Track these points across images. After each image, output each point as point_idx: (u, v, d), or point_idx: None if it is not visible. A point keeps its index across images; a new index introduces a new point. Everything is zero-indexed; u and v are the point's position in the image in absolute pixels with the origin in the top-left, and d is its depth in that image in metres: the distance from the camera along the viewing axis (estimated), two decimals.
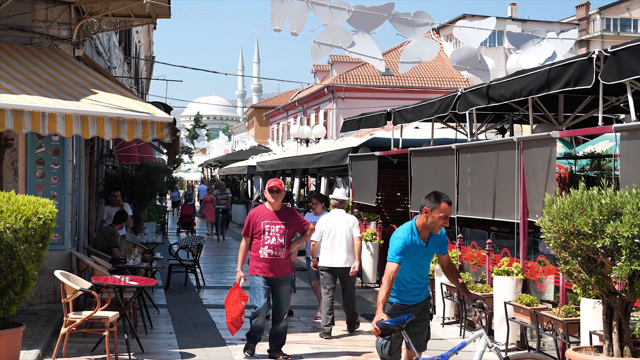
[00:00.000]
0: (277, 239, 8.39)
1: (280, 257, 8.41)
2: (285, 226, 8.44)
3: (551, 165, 8.50)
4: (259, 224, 8.42)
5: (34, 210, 7.48)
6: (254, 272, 8.44)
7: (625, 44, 7.28)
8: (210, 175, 47.76)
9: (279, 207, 8.52)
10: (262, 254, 8.37)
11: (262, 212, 8.51)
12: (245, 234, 8.56)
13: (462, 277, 7.17)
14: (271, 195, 8.48)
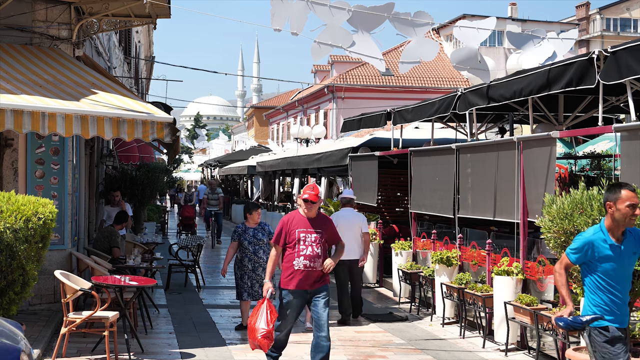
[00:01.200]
0: (313, 249, 7.63)
1: (317, 269, 7.63)
2: (322, 235, 7.73)
3: (551, 165, 8.50)
4: (293, 233, 7.67)
5: (34, 210, 7.49)
6: (286, 285, 7.64)
7: (625, 44, 7.28)
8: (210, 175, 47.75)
9: (315, 215, 7.78)
10: (297, 266, 7.59)
11: (296, 219, 7.76)
12: (276, 242, 7.81)
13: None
14: (305, 205, 7.71)
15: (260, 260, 10.16)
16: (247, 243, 10.16)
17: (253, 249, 10.16)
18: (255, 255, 10.16)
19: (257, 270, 10.14)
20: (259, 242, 10.21)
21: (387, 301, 13.02)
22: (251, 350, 7.89)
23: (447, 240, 11.40)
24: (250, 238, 10.19)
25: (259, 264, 10.14)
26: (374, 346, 9.38)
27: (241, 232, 10.26)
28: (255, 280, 10.15)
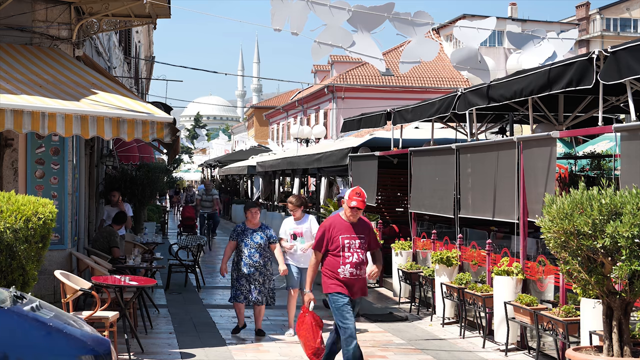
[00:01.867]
0: (358, 256, 7.31)
1: (362, 277, 7.35)
2: (365, 241, 7.40)
3: (551, 165, 8.50)
4: (337, 239, 7.30)
5: (34, 210, 7.48)
6: (333, 289, 7.28)
7: (625, 44, 7.28)
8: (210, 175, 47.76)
9: (357, 219, 7.45)
10: (342, 274, 7.25)
11: (338, 224, 7.38)
12: (317, 248, 7.41)
13: None
14: (350, 210, 7.37)
15: (256, 264, 9.81)
16: (244, 245, 9.83)
17: (248, 252, 9.80)
18: (251, 259, 9.80)
19: (254, 274, 9.81)
20: (256, 245, 9.82)
21: (387, 301, 13.02)
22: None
23: (447, 240, 11.40)
24: (247, 240, 9.85)
25: (255, 267, 9.80)
26: (374, 346, 9.38)
27: (240, 232, 9.94)
28: (253, 285, 9.82)
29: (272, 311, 11.54)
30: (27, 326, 4.88)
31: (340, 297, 7.23)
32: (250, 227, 9.96)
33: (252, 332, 10.02)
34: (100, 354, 4.97)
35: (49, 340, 4.86)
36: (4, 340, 4.72)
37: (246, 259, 9.79)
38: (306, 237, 10.10)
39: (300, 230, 10.19)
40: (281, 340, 9.59)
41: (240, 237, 9.89)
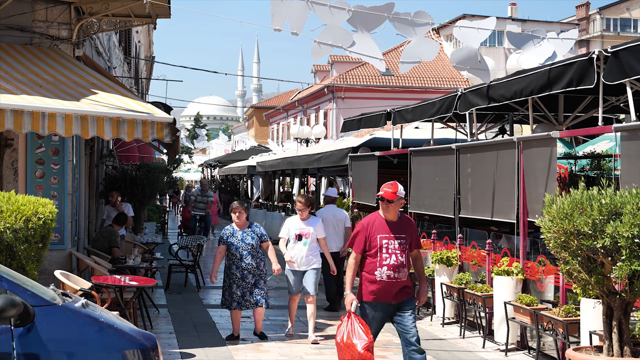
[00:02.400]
0: (397, 258, 6.81)
1: (401, 280, 6.85)
2: (405, 241, 6.89)
3: (552, 165, 8.49)
4: (375, 239, 6.83)
5: (34, 210, 7.48)
6: (367, 298, 6.87)
7: (625, 44, 7.28)
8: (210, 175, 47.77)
9: (396, 217, 6.92)
10: (379, 276, 6.79)
11: (376, 222, 6.89)
12: (356, 249, 6.92)
13: None
14: (382, 205, 6.90)
15: (249, 267, 9.45)
16: (235, 248, 9.46)
17: (240, 254, 9.45)
18: (243, 262, 9.42)
19: (246, 278, 9.45)
20: (248, 247, 9.46)
21: None
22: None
23: (447, 240, 11.40)
24: (237, 242, 9.48)
25: (248, 270, 9.45)
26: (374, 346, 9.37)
27: (229, 234, 9.57)
28: (246, 289, 9.46)
29: (272, 311, 11.54)
30: (81, 322, 5.03)
31: (369, 308, 6.82)
32: (239, 228, 9.61)
33: (252, 332, 10.01)
34: (148, 347, 5.15)
35: (101, 336, 5.04)
36: (61, 335, 4.86)
37: (238, 262, 9.45)
38: (311, 239, 9.87)
39: (307, 231, 9.88)
40: (281, 340, 9.60)
41: (230, 239, 9.53)
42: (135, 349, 5.08)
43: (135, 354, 5.05)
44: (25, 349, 4.70)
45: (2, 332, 4.64)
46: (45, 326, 4.80)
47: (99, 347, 4.97)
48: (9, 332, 4.64)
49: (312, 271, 9.84)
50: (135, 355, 5.05)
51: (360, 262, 6.93)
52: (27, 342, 4.72)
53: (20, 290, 4.90)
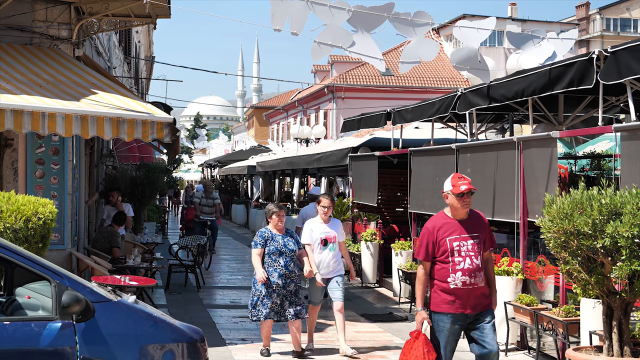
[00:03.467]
0: (472, 261, 6.04)
1: (479, 285, 6.10)
2: (479, 240, 6.15)
3: (552, 165, 8.49)
4: (444, 242, 6.09)
5: (34, 210, 7.48)
6: (439, 308, 6.08)
7: (625, 44, 7.28)
8: (210, 175, 47.78)
9: (466, 215, 6.21)
10: (452, 283, 6.03)
11: (444, 224, 6.17)
12: (425, 258, 6.15)
13: None
14: (460, 201, 6.17)
15: (292, 275, 8.65)
16: (278, 254, 8.61)
17: (284, 261, 8.61)
18: (287, 269, 8.60)
19: (288, 286, 8.63)
20: (291, 253, 8.67)
21: (387, 301, 13.02)
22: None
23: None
24: (280, 247, 8.64)
25: (291, 279, 8.64)
26: (374, 346, 9.38)
27: (268, 238, 8.68)
28: (286, 298, 8.63)
29: None
30: (137, 317, 5.24)
31: (443, 320, 6.05)
32: (279, 233, 8.78)
33: (252, 332, 10.01)
34: (197, 340, 5.38)
35: (156, 330, 5.27)
36: (119, 330, 5.06)
37: (282, 269, 8.58)
38: (336, 242, 9.15)
39: (333, 234, 9.10)
40: (281, 340, 9.59)
41: (270, 243, 8.66)
42: (186, 342, 5.31)
43: (186, 347, 5.28)
44: (88, 344, 4.86)
45: (65, 327, 4.83)
46: (105, 321, 4.98)
47: (155, 340, 5.17)
48: (71, 327, 4.84)
49: (339, 277, 9.12)
50: (186, 347, 5.28)
51: (429, 269, 6.16)
52: (89, 337, 4.88)
53: (80, 287, 5.04)
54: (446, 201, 6.26)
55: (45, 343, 4.78)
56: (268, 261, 8.59)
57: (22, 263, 5.03)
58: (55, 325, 4.83)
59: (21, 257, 5.05)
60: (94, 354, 4.88)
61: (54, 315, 4.86)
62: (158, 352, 5.16)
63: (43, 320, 4.85)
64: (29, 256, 5.11)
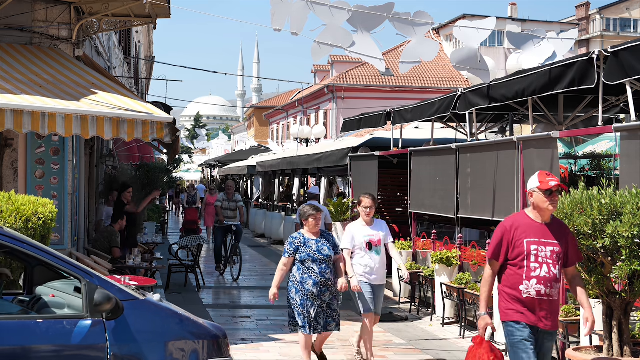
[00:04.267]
0: (549, 269, 5.35)
1: (554, 298, 5.40)
2: (560, 249, 5.44)
3: (554, 165, 8.49)
4: (520, 243, 5.42)
5: (34, 210, 7.48)
6: (510, 317, 5.40)
7: (625, 44, 7.29)
8: (210, 175, 47.77)
9: (550, 219, 5.53)
10: (525, 291, 5.35)
11: (523, 224, 5.48)
12: (494, 257, 5.51)
13: None
14: (547, 199, 5.45)
15: (328, 283, 7.87)
16: (310, 261, 7.84)
17: (318, 268, 7.82)
18: (323, 277, 7.82)
19: (323, 295, 7.85)
20: (326, 259, 7.88)
21: (387, 301, 13.00)
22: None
23: (447, 240, 11.40)
24: (312, 253, 7.86)
25: (327, 287, 7.87)
26: (374, 346, 9.36)
27: (300, 244, 7.93)
28: (321, 309, 7.86)
29: (272, 311, 11.55)
30: (164, 314, 5.40)
31: (517, 329, 5.37)
32: (314, 237, 8.00)
33: (252, 332, 10.02)
34: (220, 337, 5.61)
35: (182, 327, 5.47)
36: (147, 327, 5.20)
37: (317, 276, 7.81)
38: (382, 245, 8.50)
39: (378, 237, 8.45)
40: (281, 340, 9.59)
41: (303, 250, 7.90)
42: (211, 339, 5.52)
43: (210, 344, 5.48)
44: (118, 341, 4.99)
45: (96, 325, 4.96)
46: (133, 319, 5.11)
47: (181, 338, 5.35)
48: (101, 325, 4.96)
49: (382, 286, 8.64)
50: (210, 344, 5.48)
51: (499, 273, 5.54)
52: (119, 334, 5.01)
53: (109, 285, 5.13)
54: (530, 200, 5.54)
55: (77, 340, 4.90)
56: (302, 268, 7.84)
57: (54, 263, 5.13)
58: (86, 323, 4.95)
59: (53, 257, 5.16)
60: (123, 351, 5.00)
61: (85, 314, 4.97)
62: (184, 349, 5.32)
63: (74, 318, 4.98)
64: (60, 256, 5.22)
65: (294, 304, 7.85)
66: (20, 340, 4.79)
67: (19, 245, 5.12)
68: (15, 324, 4.89)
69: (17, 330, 4.84)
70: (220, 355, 5.52)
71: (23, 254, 5.26)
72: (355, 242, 8.39)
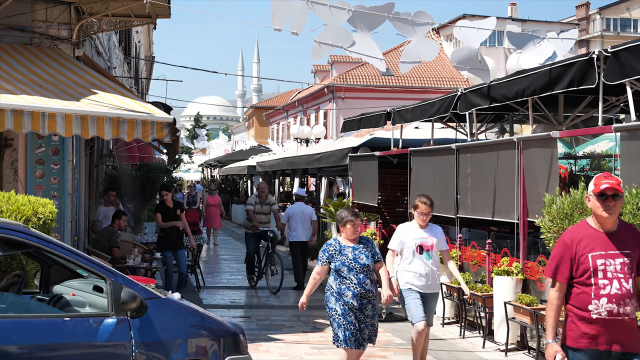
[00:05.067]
0: (621, 285, 4.66)
1: (630, 317, 4.68)
2: (631, 259, 4.71)
3: (553, 165, 8.49)
4: (585, 259, 4.72)
5: (34, 210, 7.49)
6: (578, 344, 4.78)
7: (625, 44, 7.29)
8: (210, 175, 47.76)
9: (615, 226, 4.76)
10: (595, 311, 4.70)
11: (585, 235, 4.76)
12: (560, 277, 4.83)
13: None
14: (601, 204, 4.70)
15: (369, 294, 7.06)
16: (347, 270, 7.02)
17: (358, 278, 7.02)
18: (363, 288, 7.02)
19: (365, 308, 7.06)
20: (364, 268, 7.08)
21: None
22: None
23: (447, 241, 11.39)
24: (348, 262, 7.04)
25: (368, 299, 7.06)
26: (374, 346, 9.37)
27: (335, 251, 7.12)
28: (364, 324, 7.07)
29: (272, 311, 11.56)
30: (185, 312, 5.55)
31: (579, 356, 4.77)
32: (351, 244, 7.19)
33: (252, 332, 10.01)
34: (239, 334, 5.75)
35: (203, 324, 5.58)
36: (170, 325, 5.35)
37: (355, 287, 7.01)
38: (434, 251, 7.96)
39: (431, 242, 7.91)
40: (281, 340, 9.59)
41: (338, 258, 7.11)
42: (230, 336, 5.66)
43: (230, 340, 5.63)
44: (142, 338, 5.14)
45: (121, 323, 5.12)
46: (157, 317, 5.27)
47: (202, 335, 5.51)
48: (126, 322, 5.13)
49: (436, 295, 8.08)
50: (229, 341, 5.63)
51: (565, 292, 4.88)
52: (143, 332, 5.17)
53: (132, 285, 5.27)
54: (588, 206, 4.86)
55: (103, 338, 5.04)
56: (339, 279, 7.07)
57: (80, 262, 5.29)
58: (112, 320, 5.09)
59: (79, 256, 5.33)
60: (148, 348, 5.14)
61: (110, 312, 5.11)
62: (205, 346, 5.46)
63: (100, 316, 5.12)
64: (85, 255, 5.39)
65: (334, 315, 7.02)
66: (50, 338, 4.94)
67: (46, 245, 5.25)
68: (44, 322, 5.02)
69: (47, 328, 4.97)
70: (238, 352, 5.67)
71: (50, 253, 5.39)
72: (405, 245, 7.86)
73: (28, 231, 5.30)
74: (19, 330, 4.87)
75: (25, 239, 5.19)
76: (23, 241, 5.20)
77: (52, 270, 6.20)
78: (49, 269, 6.21)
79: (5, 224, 5.38)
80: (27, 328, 4.91)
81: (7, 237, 5.15)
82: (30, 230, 5.34)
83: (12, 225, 5.35)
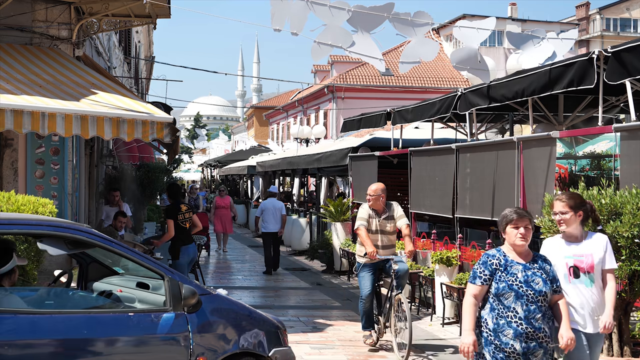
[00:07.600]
0: None
1: None
2: None
3: (551, 165, 8.50)
4: None
5: (34, 210, 7.49)
6: None
7: (625, 44, 7.29)
8: (210, 175, 47.75)
9: None
10: None
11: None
12: None
13: None
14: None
15: (539, 335, 4.87)
16: (514, 297, 4.90)
17: (525, 310, 4.88)
18: (530, 325, 4.87)
19: (532, 354, 4.87)
20: (537, 297, 4.92)
21: None
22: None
23: (447, 240, 11.40)
24: (518, 285, 4.93)
25: (537, 342, 4.87)
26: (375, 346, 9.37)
27: (497, 267, 4.98)
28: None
29: (272, 311, 11.53)
30: (235, 307, 5.93)
31: None
32: (520, 260, 5.01)
33: None
34: (282, 328, 6.19)
35: (251, 319, 5.95)
36: (223, 319, 5.72)
37: (520, 323, 4.87)
38: (596, 271, 5.22)
39: (590, 260, 5.24)
40: None
41: (500, 277, 4.98)
42: (274, 330, 6.09)
43: (274, 334, 6.06)
44: (199, 332, 5.51)
45: (179, 317, 5.48)
46: (210, 312, 5.65)
47: (251, 329, 5.87)
48: (184, 317, 5.48)
49: (602, 337, 5.36)
50: (274, 334, 6.05)
51: None
52: (199, 326, 5.53)
53: (187, 282, 5.61)
54: None
55: (164, 331, 5.40)
56: (498, 307, 4.96)
57: (142, 261, 5.61)
58: (171, 315, 5.45)
59: (139, 255, 5.64)
60: (204, 341, 5.51)
61: (168, 307, 5.46)
62: (253, 339, 5.85)
63: (159, 311, 5.47)
64: (145, 255, 5.78)
65: (489, 349, 4.95)
66: (117, 331, 5.29)
67: (110, 245, 5.57)
68: (111, 317, 5.40)
69: (113, 322, 5.34)
70: (281, 345, 6.10)
71: (113, 252, 5.70)
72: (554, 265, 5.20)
73: (92, 232, 5.61)
74: (89, 325, 5.23)
75: (90, 239, 5.51)
76: (88, 241, 5.52)
77: (90, 268, 6.60)
78: (87, 267, 6.61)
79: (72, 224, 5.71)
80: (96, 322, 5.28)
81: (74, 237, 5.47)
82: (93, 231, 5.64)
83: (78, 226, 5.67)
